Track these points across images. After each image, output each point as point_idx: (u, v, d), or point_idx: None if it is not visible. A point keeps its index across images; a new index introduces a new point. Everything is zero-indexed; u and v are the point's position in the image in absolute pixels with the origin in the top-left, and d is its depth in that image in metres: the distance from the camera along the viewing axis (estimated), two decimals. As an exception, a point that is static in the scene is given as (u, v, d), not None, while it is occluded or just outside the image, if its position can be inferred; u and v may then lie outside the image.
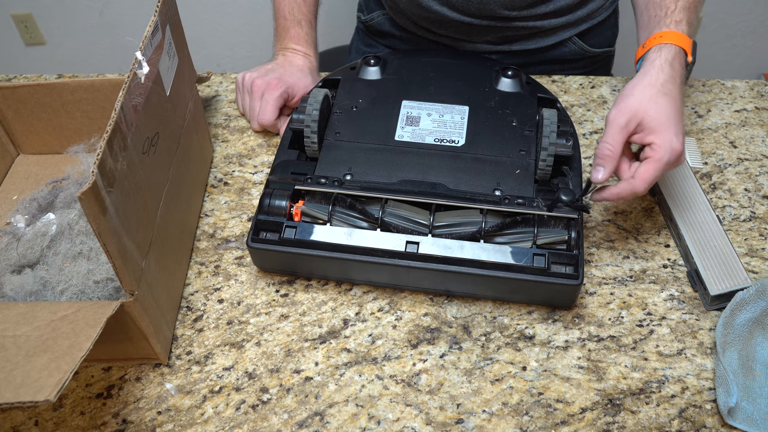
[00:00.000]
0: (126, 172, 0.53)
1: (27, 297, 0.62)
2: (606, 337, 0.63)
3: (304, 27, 0.88)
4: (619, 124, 0.62)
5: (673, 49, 0.66)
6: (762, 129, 0.82)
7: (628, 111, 0.62)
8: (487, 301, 0.66)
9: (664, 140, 0.61)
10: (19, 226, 0.68)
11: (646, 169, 0.61)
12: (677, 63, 0.65)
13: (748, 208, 0.74)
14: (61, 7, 1.92)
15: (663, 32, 0.67)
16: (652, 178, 0.61)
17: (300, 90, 0.83)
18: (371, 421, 0.58)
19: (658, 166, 0.61)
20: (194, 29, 1.82)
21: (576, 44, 0.92)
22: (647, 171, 0.61)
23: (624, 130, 0.62)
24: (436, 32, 0.92)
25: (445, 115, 0.72)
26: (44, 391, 0.43)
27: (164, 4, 0.63)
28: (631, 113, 0.62)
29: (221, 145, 0.83)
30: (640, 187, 0.61)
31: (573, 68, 0.96)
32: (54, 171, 0.80)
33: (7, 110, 0.78)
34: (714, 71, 2.10)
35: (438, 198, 0.64)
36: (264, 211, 0.65)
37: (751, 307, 0.62)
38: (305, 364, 0.62)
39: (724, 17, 1.94)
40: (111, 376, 0.61)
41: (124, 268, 0.52)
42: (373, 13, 1.01)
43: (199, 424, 0.58)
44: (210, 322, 0.65)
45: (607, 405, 0.58)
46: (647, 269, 0.68)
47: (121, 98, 0.52)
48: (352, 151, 0.69)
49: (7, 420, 0.59)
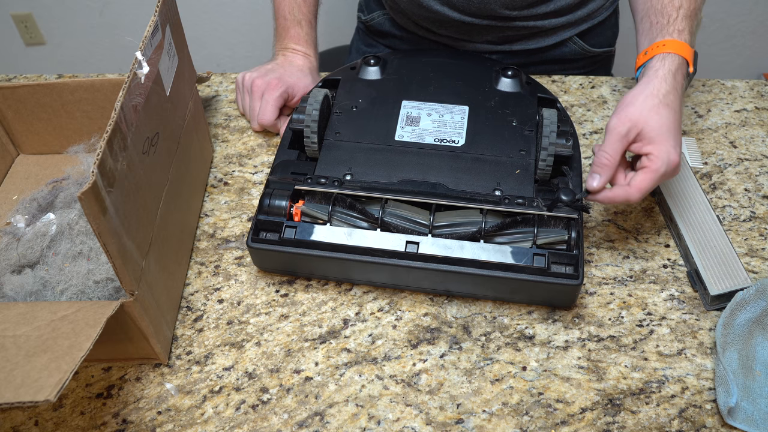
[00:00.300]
0: (126, 172, 0.53)
1: (27, 297, 0.62)
2: (606, 337, 0.63)
3: (304, 27, 0.88)
4: (619, 133, 0.62)
5: (677, 59, 0.65)
6: (762, 129, 0.82)
7: (629, 120, 0.62)
8: (487, 301, 0.66)
9: (661, 151, 0.61)
10: (19, 226, 0.68)
11: (642, 178, 0.61)
12: (680, 74, 0.65)
13: (748, 208, 0.74)
14: (61, 7, 1.92)
15: (666, 41, 0.67)
16: (647, 188, 0.61)
17: (300, 90, 0.83)
18: (371, 421, 0.58)
19: (654, 177, 0.61)
20: (194, 29, 1.82)
21: (576, 44, 0.92)
22: (643, 181, 0.61)
23: (624, 139, 0.62)
24: (436, 32, 0.92)
25: (445, 115, 0.72)
26: (44, 391, 0.43)
27: (164, 4, 0.63)
28: (632, 123, 0.62)
29: (221, 145, 0.83)
30: (634, 195, 0.61)
31: (573, 68, 0.96)
32: (54, 171, 0.80)
33: (7, 110, 0.78)
34: (714, 71, 2.10)
35: (438, 198, 0.64)
36: (264, 211, 0.65)
37: (751, 307, 0.62)
38: (305, 364, 0.62)
39: (724, 17, 1.94)
40: (111, 376, 0.61)
41: (124, 268, 0.52)
42: (373, 13, 1.01)
43: (199, 424, 0.58)
44: (210, 322, 0.65)
45: (607, 405, 0.58)
46: (647, 269, 0.68)
47: (121, 98, 0.52)
48: (352, 151, 0.69)
49: (7, 420, 0.59)
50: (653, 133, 0.61)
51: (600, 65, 0.99)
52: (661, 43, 0.67)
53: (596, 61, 0.97)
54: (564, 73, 0.93)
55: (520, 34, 0.90)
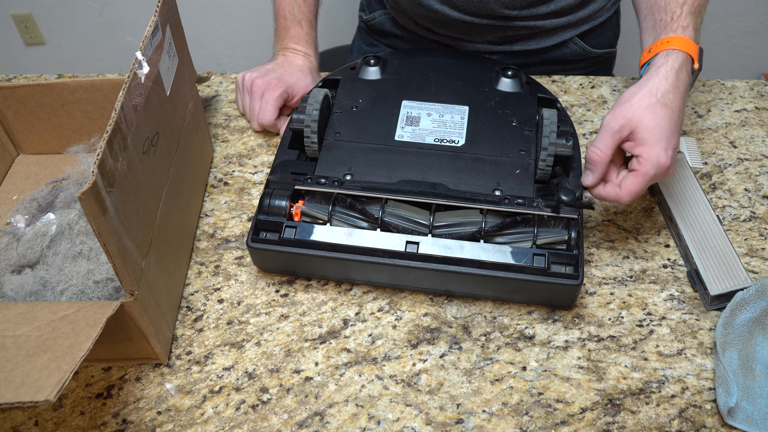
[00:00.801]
0: (126, 172, 0.53)
1: (27, 297, 0.62)
2: (606, 337, 0.63)
3: (304, 27, 0.88)
4: (612, 128, 0.61)
5: (681, 56, 0.64)
6: (762, 129, 0.82)
7: (623, 117, 0.61)
8: (487, 301, 0.66)
9: (651, 155, 0.60)
10: (19, 226, 0.68)
11: (632, 182, 0.61)
12: (683, 72, 0.64)
13: (748, 208, 0.74)
14: (61, 7, 1.92)
15: (670, 37, 0.66)
16: (637, 192, 0.61)
17: (300, 90, 0.83)
18: (371, 421, 0.58)
19: (643, 181, 0.60)
20: (194, 29, 1.82)
21: (577, 45, 0.92)
22: (632, 184, 0.61)
23: (616, 135, 0.61)
24: (437, 32, 0.92)
25: (445, 115, 0.72)
26: (44, 391, 0.43)
27: (164, 4, 0.63)
28: (626, 120, 0.61)
29: (221, 145, 0.83)
30: (624, 198, 0.61)
31: (574, 69, 0.95)
32: (54, 171, 0.80)
33: (7, 110, 0.78)
34: (714, 71, 2.10)
35: (438, 198, 0.64)
36: (264, 211, 0.65)
37: (751, 307, 0.62)
38: (305, 364, 0.62)
39: (724, 17, 1.94)
40: (111, 376, 0.61)
41: (124, 268, 0.52)
42: (374, 13, 1.01)
43: (199, 424, 0.58)
44: (210, 322, 0.65)
45: (607, 405, 0.58)
46: (647, 269, 0.68)
47: (121, 98, 0.52)
48: (352, 151, 0.69)
49: (7, 420, 0.59)
50: (645, 133, 0.60)
51: (601, 66, 0.99)
52: (665, 40, 0.66)
53: (597, 62, 0.97)
54: (564, 73, 0.93)
55: (521, 34, 0.90)
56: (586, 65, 0.96)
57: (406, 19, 0.95)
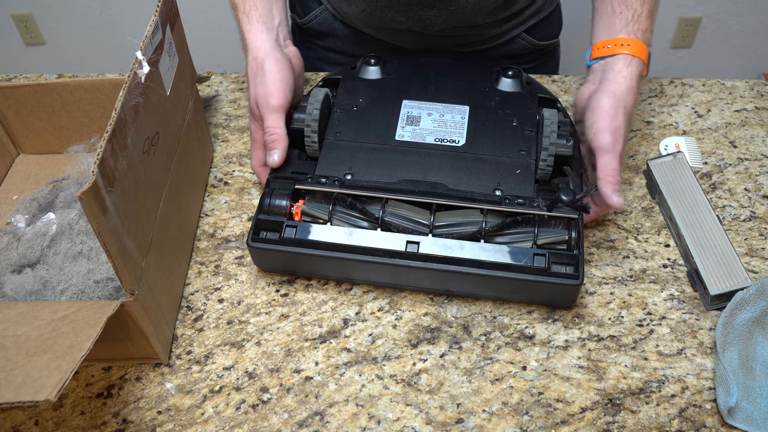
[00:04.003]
0: (126, 172, 0.53)
1: (27, 297, 0.62)
2: (606, 336, 0.63)
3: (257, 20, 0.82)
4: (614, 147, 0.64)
5: (641, 64, 0.68)
6: (762, 129, 0.82)
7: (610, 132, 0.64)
8: (487, 301, 0.66)
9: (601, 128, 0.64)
10: (20, 225, 0.68)
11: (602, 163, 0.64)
12: (641, 78, 0.68)
13: (748, 208, 0.74)
14: (61, 7, 1.92)
15: (631, 40, 0.68)
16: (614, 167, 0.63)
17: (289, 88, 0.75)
18: (371, 421, 0.58)
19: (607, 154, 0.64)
20: (194, 29, 1.82)
21: (525, 39, 0.93)
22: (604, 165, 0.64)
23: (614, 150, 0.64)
24: (388, 42, 0.90)
25: (446, 115, 0.72)
26: (44, 390, 0.43)
27: (164, 3, 0.63)
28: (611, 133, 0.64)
29: (221, 145, 0.83)
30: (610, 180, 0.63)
31: (523, 62, 0.96)
32: (54, 171, 0.80)
33: (7, 110, 0.78)
34: (714, 71, 2.10)
35: (438, 198, 0.64)
36: (264, 210, 0.65)
37: (751, 307, 0.62)
38: (305, 364, 0.62)
39: (724, 17, 1.94)
40: (111, 375, 0.61)
41: (124, 268, 0.52)
42: (312, 13, 0.93)
43: (199, 424, 0.58)
44: (210, 322, 0.65)
45: (607, 405, 0.58)
46: (647, 269, 0.68)
47: (121, 98, 0.52)
48: (353, 151, 0.69)
49: (8, 420, 0.59)
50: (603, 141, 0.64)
51: (548, 57, 1.00)
52: (626, 42, 0.68)
53: (544, 54, 0.98)
54: None
55: (473, 40, 0.90)
56: (533, 58, 0.97)
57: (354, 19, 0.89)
